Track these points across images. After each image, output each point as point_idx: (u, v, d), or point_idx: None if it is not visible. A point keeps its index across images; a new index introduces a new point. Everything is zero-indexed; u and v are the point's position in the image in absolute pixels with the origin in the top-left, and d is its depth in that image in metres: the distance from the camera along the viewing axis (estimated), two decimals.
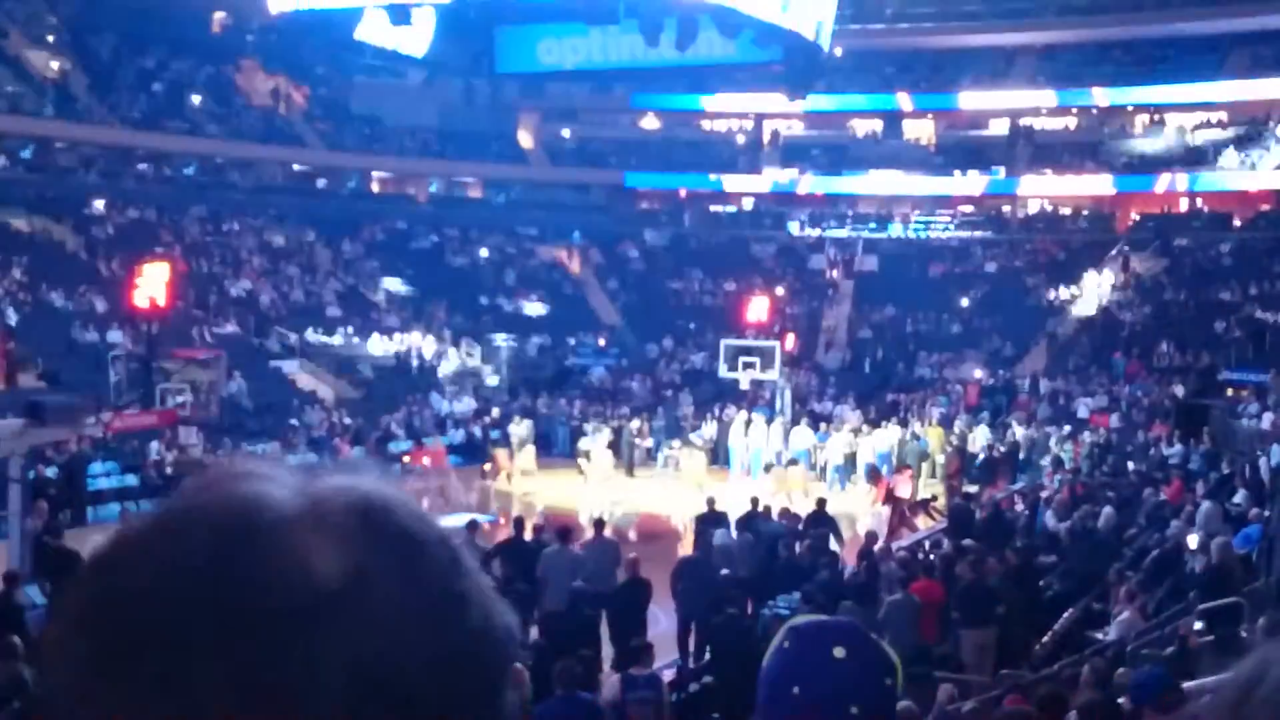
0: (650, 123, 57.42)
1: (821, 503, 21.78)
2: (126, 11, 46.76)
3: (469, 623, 0.80)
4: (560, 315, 47.77)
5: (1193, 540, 17.39)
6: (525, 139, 56.54)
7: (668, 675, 13.66)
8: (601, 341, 46.75)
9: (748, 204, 55.65)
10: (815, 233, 53.08)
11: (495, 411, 37.20)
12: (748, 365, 34.98)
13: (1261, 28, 44.93)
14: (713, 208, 55.66)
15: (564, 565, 15.93)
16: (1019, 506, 24.46)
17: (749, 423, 33.86)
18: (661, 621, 17.15)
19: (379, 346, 42.20)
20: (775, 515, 20.71)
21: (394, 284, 47.55)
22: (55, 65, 45.68)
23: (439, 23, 33.28)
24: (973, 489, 28.08)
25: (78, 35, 47.24)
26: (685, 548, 21.05)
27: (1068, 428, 34.08)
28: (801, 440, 33.00)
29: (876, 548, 18.32)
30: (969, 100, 51.25)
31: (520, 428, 34.09)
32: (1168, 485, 23.68)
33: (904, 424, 34.66)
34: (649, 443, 34.71)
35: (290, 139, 50.96)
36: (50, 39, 46.32)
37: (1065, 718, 8.37)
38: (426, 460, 33.22)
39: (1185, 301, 43.44)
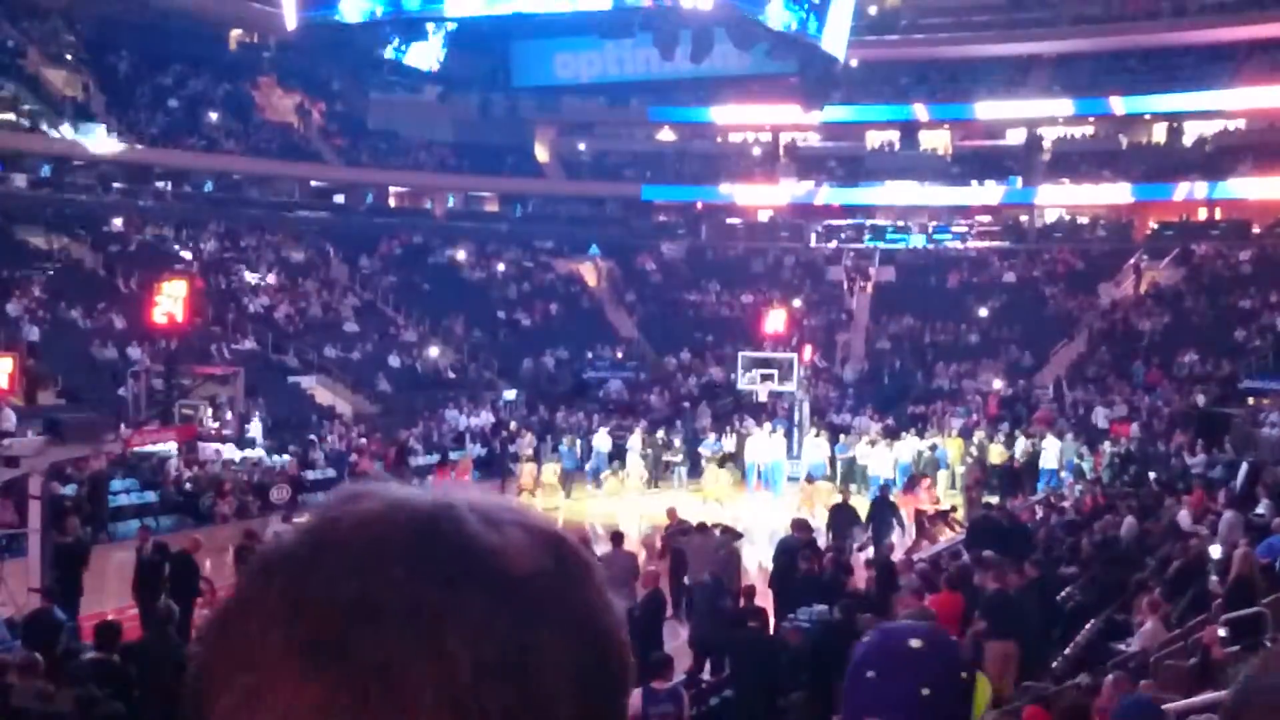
0: (666, 135, 57.48)
1: (885, 489, 22.63)
2: (144, 30, 46.96)
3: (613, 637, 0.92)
4: (577, 328, 47.76)
5: (1215, 550, 17.28)
6: (541, 153, 56.63)
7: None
8: (619, 354, 46.73)
9: (764, 216, 55.63)
10: (832, 244, 53.04)
11: (513, 425, 37.20)
12: (766, 377, 34.90)
13: (1278, 34, 44.78)
14: (729, 220, 55.64)
15: None
16: (1039, 516, 24.35)
17: (771, 434, 33.81)
18: (681, 635, 17.13)
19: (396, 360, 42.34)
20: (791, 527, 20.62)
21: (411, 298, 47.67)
22: (73, 83, 45.84)
23: (455, 38, 33.40)
24: (993, 500, 27.99)
25: (95, 53, 47.42)
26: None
27: (1070, 434, 33.81)
28: (816, 452, 32.91)
29: (897, 559, 18.26)
30: (985, 110, 51.15)
31: (525, 441, 34.14)
32: (1189, 495, 23.55)
33: (922, 435, 34.56)
34: (669, 456, 34.64)
35: (307, 155, 51.08)
36: (68, 57, 46.50)
37: None
38: (452, 474, 33.30)
39: (1205, 310, 43.26)
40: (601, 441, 33.96)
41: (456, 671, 0.82)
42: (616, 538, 18.18)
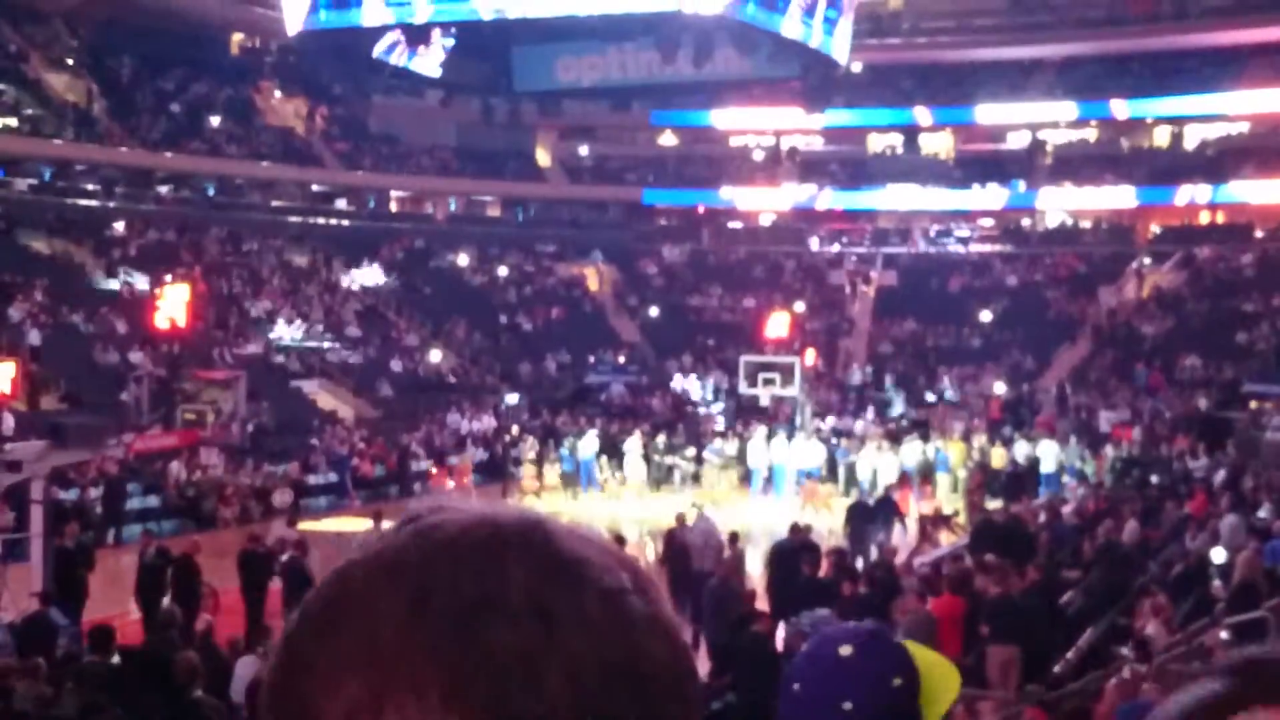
0: (668, 139, 57.46)
1: (889, 487, 22.90)
2: (146, 34, 46.99)
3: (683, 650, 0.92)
4: (579, 332, 47.76)
5: (1217, 554, 17.25)
6: (543, 157, 56.64)
7: None
8: (621, 359, 46.70)
9: (766, 220, 55.62)
10: (835, 248, 53.03)
11: (515, 429, 37.18)
12: (768, 381, 34.87)
13: None
14: (731, 224, 55.63)
15: None
16: (1041, 520, 24.31)
17: (770, 438, 33.77)
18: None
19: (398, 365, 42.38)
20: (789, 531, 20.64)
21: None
22: (75, 88, 45.88)
23: (457, 42, 33.39)
24: (995, 504, 27.96)
25: (97, 58, 47.47)
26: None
27: (1073, 438, 33.72)
28: (812, 455, 32.84)
29: (898, 562, 18.24)
30: (987, 114, 51.11)
31: (527, 445, 34.15)
32: (1191, 498, 23.53)
33: (925, 439, 34.49)
34: (669, 460, 34.61)
35: (309, 159, 51.12)
36: (70, 62, 46.54)
37: None
38: (449, 481, 33.34)
39: (1207, 313, 43.23)
40: (588, 445, 33.93)
41: (583, 670, 0.83)
42: (618, 542, 18.17)
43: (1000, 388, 41.18)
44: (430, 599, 0.83)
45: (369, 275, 48.25)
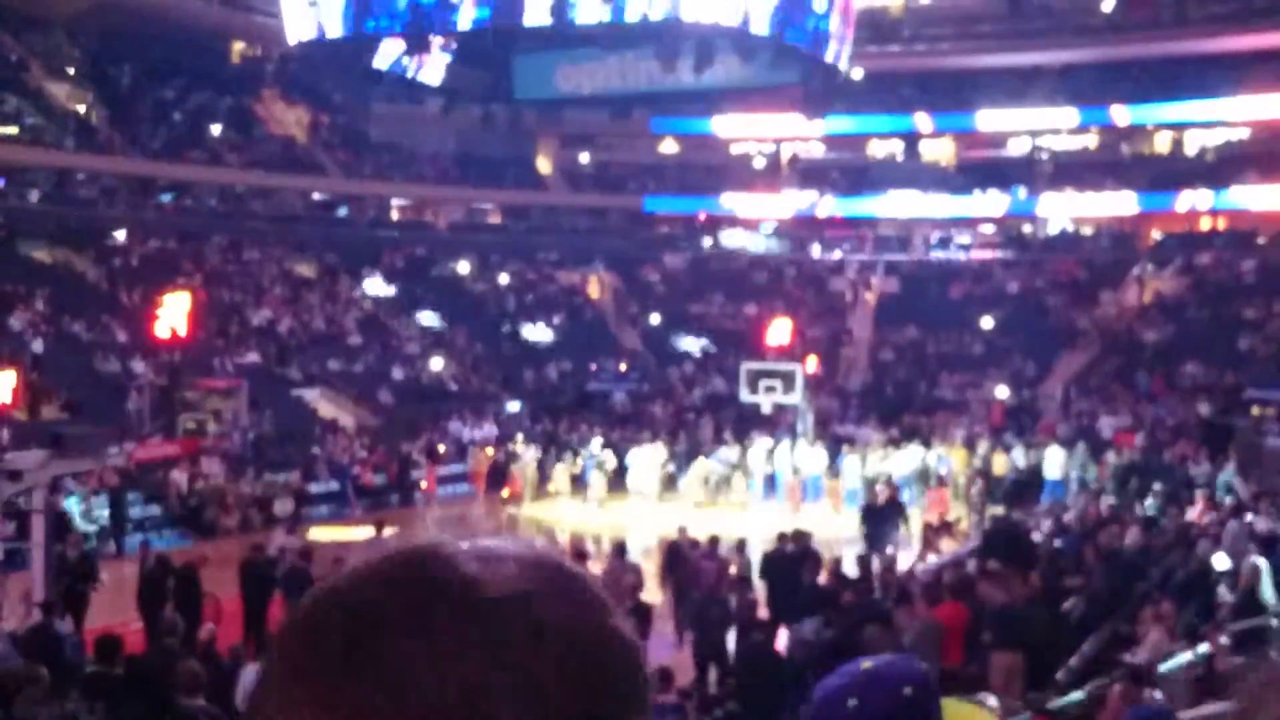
0: (669, 147, 57.45)
1: (896, 489, 23.26)
2: (146, 43, 46.98)
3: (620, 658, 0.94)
4: (580, 340, 47.73)
5: (1219, 561, 17.23)
6: (544, 164, 56.64)
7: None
8: (622, 366, 46.67)
9: (767, 227, 55.59)
10: (836, 255, 53.02)
11: (519, 437, 37.16)
12: (769, 389, 34.82)
13: None
14: (732, 230, 55.62)
15: None
16: (1044, 527, 24.29)
17: (773, 446, 33.76)
18: (685, 648, 17.09)
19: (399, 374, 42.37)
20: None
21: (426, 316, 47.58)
22: (76, 97, 45.89)
23: (457, 51, 33.46)
24: (997, 510, 27.96)
25: (98, 67, 47.46)
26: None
27: (1081, 444, 33.70)
28: (813, 462, 32.82)
29: (900, 570, 18.23)
30: (988, 120, 51.11)
31: (526, 452, 34.17)
32: (1193, 505, 23.50)
33: (926, 445, 34.48)
34: (670, 467, 34.60)
35: (310, 168, 51.08)
36: (70, 71, 46.54)
37: None
38: (433, 486, 33.59)
39: (1209, 319, 43.19)
40: (593, 452, 33.94)
41: (467, 679, 0.86)
42: (619, 550, 18.15)
43: (1002, 394, 41.18)
44: (318, 640, 0.90)
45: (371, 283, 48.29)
